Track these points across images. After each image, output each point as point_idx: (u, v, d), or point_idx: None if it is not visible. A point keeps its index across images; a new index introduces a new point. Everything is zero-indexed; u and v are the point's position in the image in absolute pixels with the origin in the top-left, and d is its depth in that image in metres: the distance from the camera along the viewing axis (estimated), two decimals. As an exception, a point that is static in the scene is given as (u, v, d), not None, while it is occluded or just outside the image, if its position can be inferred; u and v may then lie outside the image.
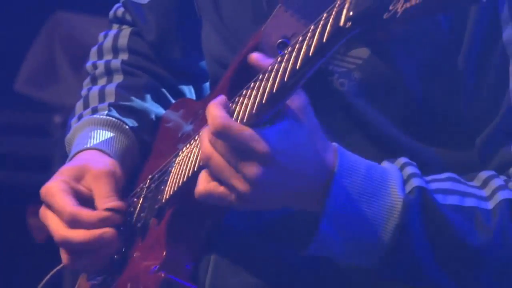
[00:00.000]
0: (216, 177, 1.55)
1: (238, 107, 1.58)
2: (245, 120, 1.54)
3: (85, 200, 1.85)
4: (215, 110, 1.54)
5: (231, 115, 1.57)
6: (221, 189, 1.55)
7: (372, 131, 1.74)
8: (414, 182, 1.59)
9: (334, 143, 1.61)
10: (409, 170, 1.62)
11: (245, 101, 1.58)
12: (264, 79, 1.55)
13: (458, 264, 1.65)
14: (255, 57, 1.61)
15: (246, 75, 1.65)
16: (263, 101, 1.53)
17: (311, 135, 1.58)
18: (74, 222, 1.81)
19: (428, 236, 1.62)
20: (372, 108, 1.73)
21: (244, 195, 1.52)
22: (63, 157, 2.51)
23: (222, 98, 1.59)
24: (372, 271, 1.66)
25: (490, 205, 1.62)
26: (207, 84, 2.13)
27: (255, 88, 1.57)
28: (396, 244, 1.58)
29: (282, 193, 1.58)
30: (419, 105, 1.73)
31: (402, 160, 1.63)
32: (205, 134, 1.57)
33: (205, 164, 1.57)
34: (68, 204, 1.80)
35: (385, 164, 1.63)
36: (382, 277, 1.68)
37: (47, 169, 3.96)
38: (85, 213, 1.81)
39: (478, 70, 1.70)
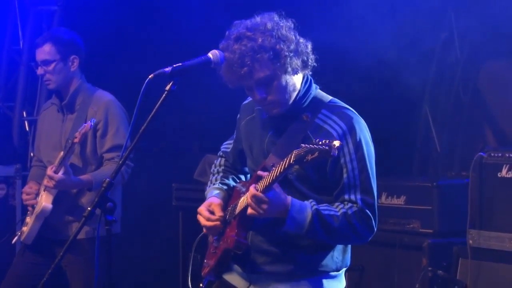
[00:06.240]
0: (253, 208, 2.94)
1: (258, 185, 2.95)
2: (260, 190, 2.94)
3: (211, 213, 3.25)
4: (251, 189, 2.97)
5: (257, 187, 2.94)
6: (255, 212, 2.93)
7: (301, 193, 3.12)
8: (314, 206, 3.03)
9: (288, 196, 3.00)
10: (313, 202, 3.05)
11: (260, 184, 2.96)
12: (268, 176, 2.94)
13: (330, 232, 3.05)
14: (259, 172, 3.05)
15: (261, 177, 3.03)
16: (267, 183, 2.92)
17: (281, 194, 2.99)
18: (208, 219, 3.24)
19: (320, 223, 3.03)
20: (300, 184, 3.11)
21: (261, 214, 2.94)
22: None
23: (254, 185, 2.97)
24: (303, 235, 3.05)
25: (338, 213, 3.05)
26: (248, 176, 3.42)
27: (264, 179, 2.95)
28: (310, 226, 3.02)
29: (273, 213, 2.97)
30: (315, 183, 3.11)
31: (311, 200, 3.05)
32: (248, 195, 2.97)
33: (249, 205, 2.98)
34: (206, 213, 3.23)
35: (305, 201, 3.04)
36: (307, 237, 3.07)
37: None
38: (212, 216, 3.21)
39: (333, 172, 3.09)
